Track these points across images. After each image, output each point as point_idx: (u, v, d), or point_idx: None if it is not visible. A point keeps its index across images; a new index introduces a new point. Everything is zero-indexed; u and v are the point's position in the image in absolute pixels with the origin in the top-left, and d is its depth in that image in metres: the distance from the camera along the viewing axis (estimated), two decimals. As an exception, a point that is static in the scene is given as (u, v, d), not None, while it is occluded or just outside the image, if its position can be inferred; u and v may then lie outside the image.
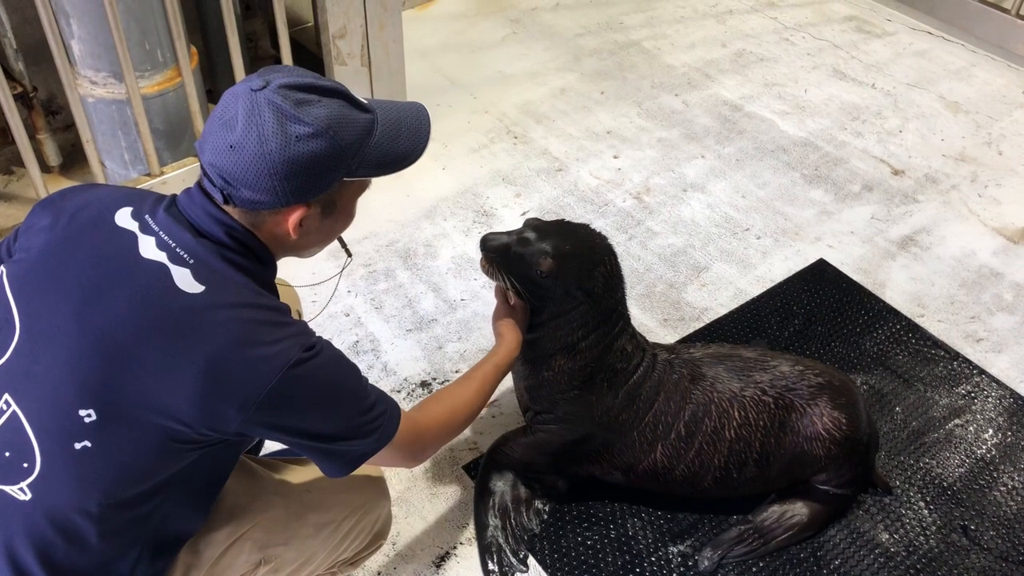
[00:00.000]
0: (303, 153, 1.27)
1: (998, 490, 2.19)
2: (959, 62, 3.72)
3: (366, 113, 1.36)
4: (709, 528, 2.09)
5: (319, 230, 1.41)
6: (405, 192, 3.05)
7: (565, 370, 1.91)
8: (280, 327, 1.31)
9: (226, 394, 1.26)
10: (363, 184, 1.43)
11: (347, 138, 1.31)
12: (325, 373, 1.34)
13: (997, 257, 2.84)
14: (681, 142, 3.30)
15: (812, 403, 1.96)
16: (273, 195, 1.29)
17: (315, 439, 1.36)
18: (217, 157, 1.28)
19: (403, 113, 1.44)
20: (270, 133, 1.26)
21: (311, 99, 1.29)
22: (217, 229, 1.33)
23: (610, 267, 1.88)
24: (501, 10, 4.05)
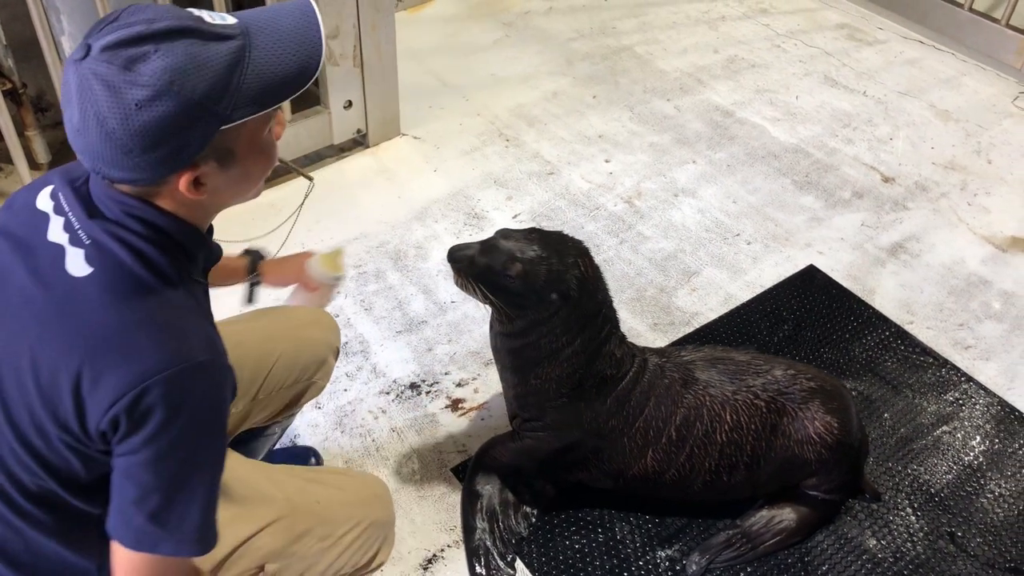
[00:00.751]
0: (150, 120, 1.09)
1: (985, 497, 2.19)
2: (949, 71, 3.74)
3: (227, 41, 1.13)
4: (697, 533, 2.09)
5: (231, 181, 1.23)
6: (396, 194, 3.04)
7: (553, 377, 1.89)
8: (165, 330, 1.18)
9: (94, 389, 1.16)
10: (263, 117, 1.20)
11: (202, 84, 1.10)
12: (196, 402, 1.18)
13: (986, 265, 2.85)
14: (673, 147, 3.30)
15: (804, 407, 1.96)
16: (141, 171, 1.14)
17: (153, 475, 1.19)
18: (73, 140, 1.15)
19: (283, 22, 1.19)
20: (106, 110, 1.09)
21: (144, 52, 1.08)
22: (115, 208, 1.20)
23: (584, 268, 1.84)
24: (494, 13, 4.05)
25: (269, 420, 1.89)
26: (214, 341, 1.25)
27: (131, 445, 1.18)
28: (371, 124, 3.18)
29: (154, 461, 1.18)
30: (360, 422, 2.32)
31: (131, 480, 1.20)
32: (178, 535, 1.22)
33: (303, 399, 1.91)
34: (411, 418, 2.33)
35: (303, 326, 1.86)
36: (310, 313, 1.91)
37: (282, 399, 1.85)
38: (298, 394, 1.88)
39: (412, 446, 2.27)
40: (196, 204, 1.22)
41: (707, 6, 4.15)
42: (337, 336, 1.93)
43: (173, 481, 1.20)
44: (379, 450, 2.26)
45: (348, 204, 2.99)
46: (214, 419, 1.23)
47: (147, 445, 1.17)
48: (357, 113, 3.12)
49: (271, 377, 1.79)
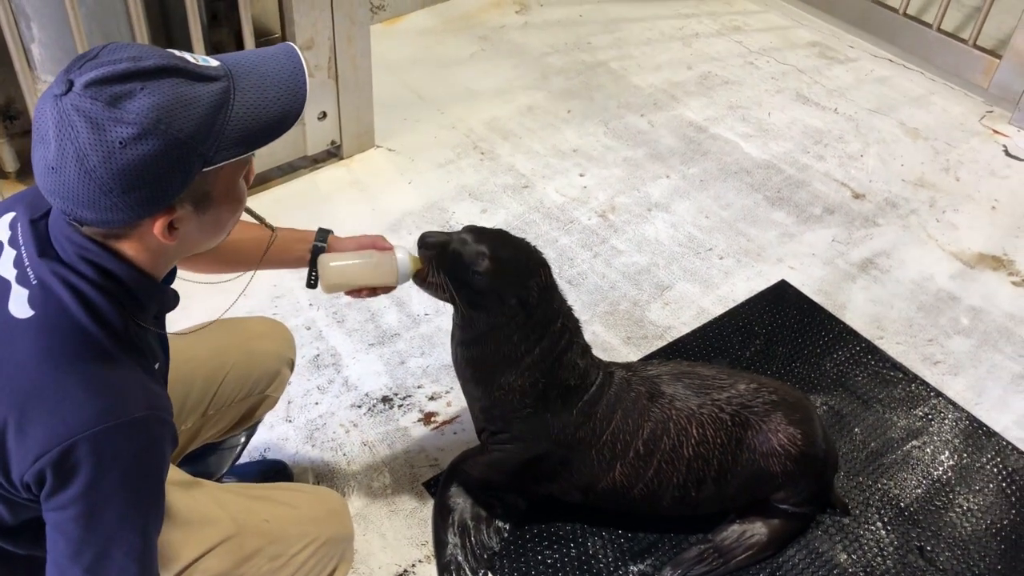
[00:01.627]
0: (134, 160, 1.05)
1: (953, 511, 2.21)
2: (919, 90, 3.80)
3: (213, 83, 1.11)
4: (669, 547, 2.09)
5: (201, 227, 1.20)
6: (370, 206, 3.03)
7: (516, 388, 1.89)
8: (98, 384, 1.14)
9: (20, 440, 1.13)
10: (240, 162, 1.19)
11: (188, 125, 1.08)
12: (127, 460, 1.15)
13: (954, 281, 2.89)
14: (646, 162, 3.32)
15: (767, 420, 1.97)
16: (117, 212, 1.09)
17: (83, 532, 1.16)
18: (43, 180, 1.10)
19: (267, 66, 1.18)
20: (87, 146, 1.05)
21: (130, 90, 1.06)
22: (70, 250, 1.15)
23: (544, 279, 1.85)
24: (469, 27, 4.06)
25: (223, 435, 1.86)
26: (154, 395, 1.21)
27: (60, 501, 1.15)
28: (345, 136, 3.17)
29: (85, 517, 1.16)
30: (331, 436, 2.30)
31: (63, 535, 1.17)
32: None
33: (257, 413, 1.88)
34: (383, 432, 2.32)
35: (254, 338, 1.83)
36: (262, 325, 1.88)
37: (234, 413, 1.82)
38: (251, 408, 1.85)
39: (384, 460, 2.25)
40: (162, 250, 1.20)
41: (681, 23, 4.19)
42: (291, 348, 1.89)
43: (107, 536, 1.17)
44: (350, 464, 2.24)
45: (321, 216, 2.97)
46: (148, 474, 1.20)
47: (76, 502, 1.15)
48: (331, 124, 3.11)
49: (221, 391, 1.76)
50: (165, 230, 1.15)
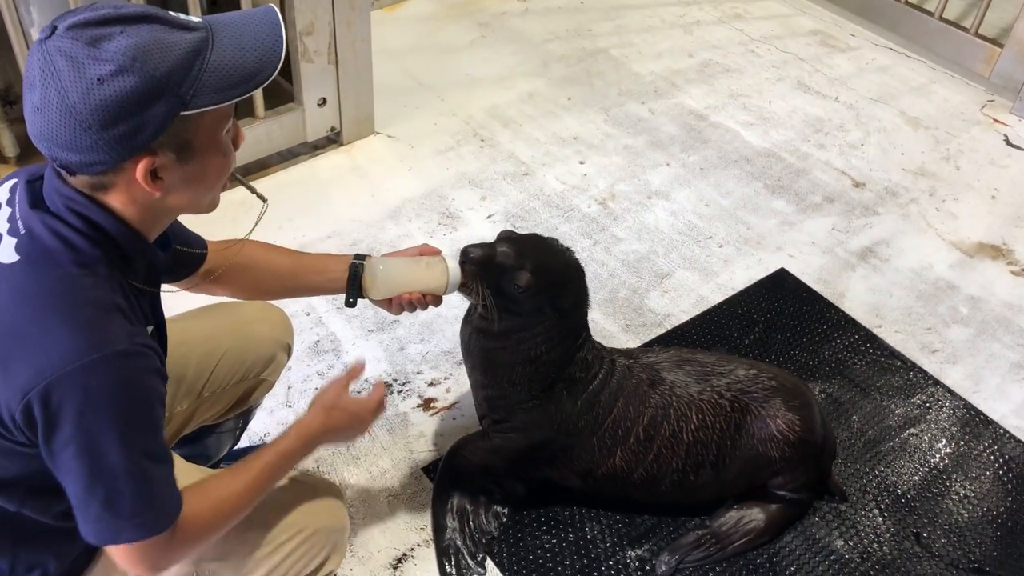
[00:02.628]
0: (111, 95, 1.11)
1: (950, 498, 2.22)
2: (920, 78, 3.79)
3: (191, 32, 1.17)
4: (667, 532, 2.10)
5: (186, 178, 1.23)
6: (370, 192, 3.03)
7: (524, 382, 1.90)
8: (79, 321, 1.16)
9: (5, 378, 1.16)
10: (221, 113, 1.23)
11: (164, 65, 1.13)
12: (112, 392, 1.17)
13: (953, 270, 2.89)
14: (646, 150, 3.32)
15: (766, 405, 1.98)
16: (99, 151, 1.14)
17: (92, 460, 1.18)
18: (31, 125, 1.16)
19: (246, 23, 1.24)
20: (68, 83, 1.10)
21: (109, 32, 1.12)
22: (58, 202, 1.21)
23: (580, 285, 1.89)
24: (470, 14, 4.05)
25: (220, 417, 1.86)
26: (134, 332, 1.22)
27: (57, 443, 1.17)
28: (345, 122, 3.16)
29: (85, 452, 1.17)
30: (331, 421, 2.30)
31: (72, 476, 1.19)
32: (137, 520, 1.22)
33: (253, 396, 1.88)
34: (382, 417, 2.32)
35: (250, 323, 1.83)
36: (259, 309, 1.88)
37: (230, 396, 1.82)
38: (247, 391, 1.85)
39: (383, 445, 2.26)
40: (149, 204, 1.23)
41: (682, 10, 4.18)
42: (288, 333, 1.90)
43: (112, 467, 1.19)
44: (349, 449, 2.25)
45: (321, 202, 2.97)
46: (138, 402, 1.21)
47: (72, 440, 1.16)
48: (331, 111, 3.10)
49: (216, 374, 1.76)
50: (148, 176, 1.18)
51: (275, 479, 1.48)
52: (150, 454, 1.23)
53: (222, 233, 1.72)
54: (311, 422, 1.53)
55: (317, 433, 1.52)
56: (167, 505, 1.26)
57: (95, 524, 1.22)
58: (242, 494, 1.40)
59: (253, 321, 1.84)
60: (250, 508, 1.42)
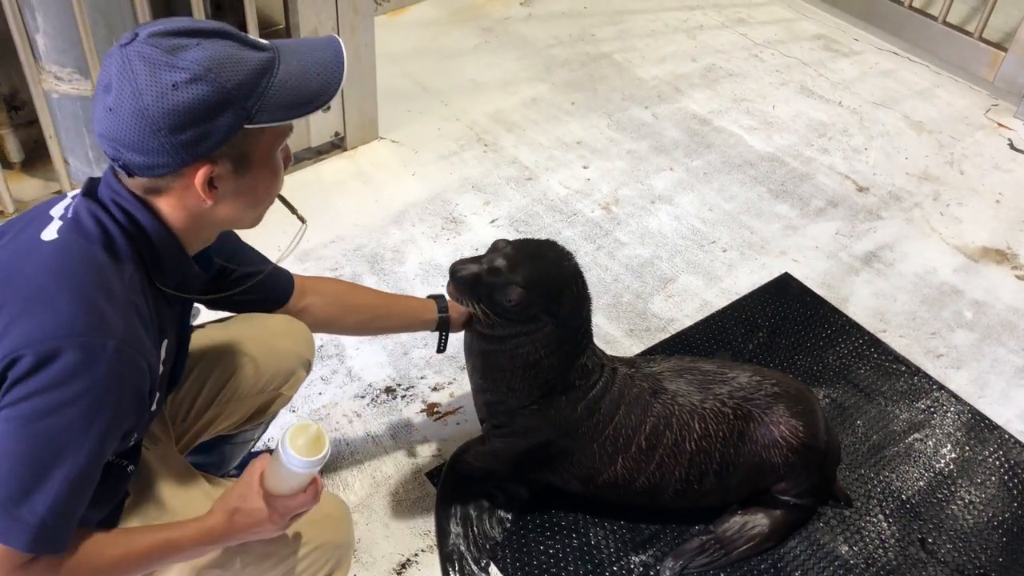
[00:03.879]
0: (184, 101, 1.17)
1: (955, 504, 2.22)
2: (923, 83, 3.79)
3: (261, 52, 1.24)
4: (671, 538, 2.09)
5: (238, 190, 1.29)
6: (374, 197, 3.03)
7: (524, 387, 1.90)
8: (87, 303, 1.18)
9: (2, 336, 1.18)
10: (279, 132, 1.30)
11: (235, 78, 1.19)
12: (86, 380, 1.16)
13: (957, 275, 2.88)
14: (650, 154, 3.32)
15: (769, 411, 1.98)
16: (164, 154, 1.19)
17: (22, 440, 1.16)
18: (100, 124, 1.21)
19: (312, 48, 1.31)
20: (144, 86, 1.16)
21: (187, 43, 1.19)
22: (106, 194, 1.27)
23: (577, 289, 1.86)
24: (473, 19, 4.05)
25: (236, 428, 1.86)
26: (138, 339, 1.22)
27: (15, 395, 1.15)
28: (349, 127, 3.17)
29: (32, 417, 1.15)
30: (335, 426, 2.30)
31: (5, 437, 1.16)
32: (12, 514, 1.16)
33: (270, 409, 1.88)
34: (386, 423, 2.32)
35: (275, 336, 1.83)
36: (283, 323, 1.88)
37: (248, 407, 1.82)
38: (265, 403, 1.84)
39: (387, 451, 2.26)
40: (199, 212, 1.28)
41: (686, 15, 4.18)
42: (310, 349, 1.89)
43: (50, 447, 1.16)
44: (353, 455, 2.25)
45: (325, 207, 2.98)
46: (103, 406, 1.18)
47: (29, 399, 1.14)
48: (335, 116, 3.11)
49: (237, 382, 1.76)
50: (205, 184, 1.24)
51: (157, 565, 1.39)
52: (92, 460, 1.20)
53: None
54: (213, 524, 1.40)
55: (219, 535, 1.41)
56: (61, 534, 1.20)
57: None
58: (117, 562, 1.31)
59: (278, 335, 1.84)
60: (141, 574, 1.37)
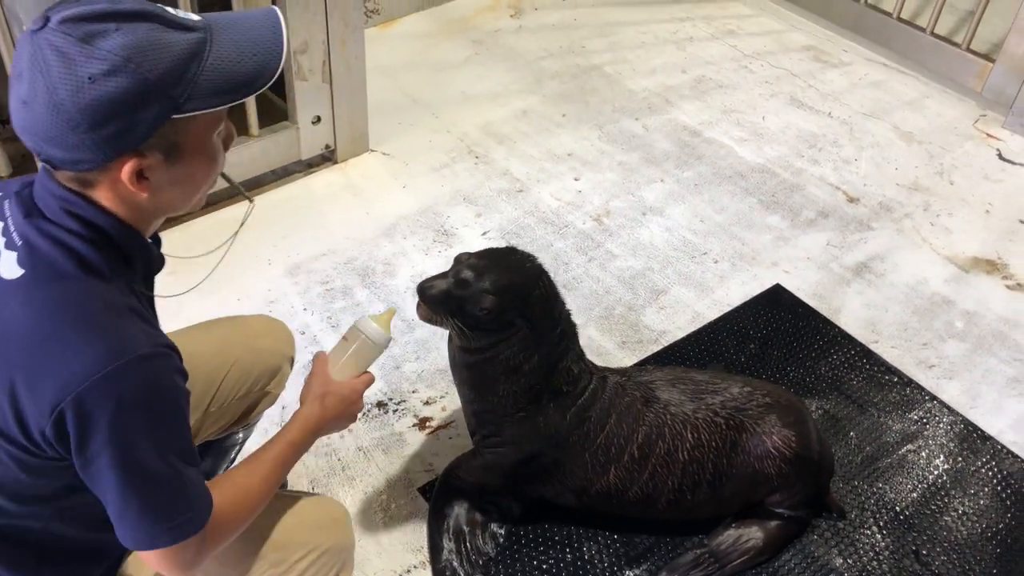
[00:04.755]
0: (102, 96, 1.07)
1: (949, 515, 2.21)
2: (912, 93, 3.80)
3: (189, 32, 1.14)
4: (665, 552, 2.08)
5: (173, 180, 1.20)
6: (364, 210, 3.02)
7: (510, 393, 1.89)
8: (98, 329, 1.14)
9: (32, 396, 1.14)
10: (214, 117, 1.20)
11: (159, 66, 1.09)
12: (141, 396, 1.16)
13: (948, 285, 2.89)
14: (641, 166, 3.32)
15: (761, 422, 1.98)
16: (85, 151, 1.11)
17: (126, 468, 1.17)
18: (16, 117, 1.12)
19: (247, 25, 1.20)
20: (57, 80, 1.07)
21: (103, 29, 1.08)
22: (54, 205, 1.17)
23: (545, 289, 1.87)
24: (464, 31, 4.06)
25: (224, 431, 1.87)
26: (155, 335, 1.22)
27: (90, 453, 1.16)
28: (340, 140, 3.16)
29: (119, 460, 1.16)
30: (326, 441, 2.29)
31: (106, 484, 1.19)
32: (174, 524, 1.22)
33: (256, 409, 1.89)
34: (378, 437, 2.31)
35: (256, 336, 1.84)
36: (263, 323, 1.89)
37: (235, 410, 1.83)
38: (252, 404, 1.86)
39: (378, 465, 2.24)
40: (136, 203, 1.20)
41: (675, 27, 4.19)
42: (291, 345, 1.91)
43: (148, 474, 1.19)
44: (345, 470, 2.23)
45: (315, 220, 2.97)
46: (167, 404, 1.20)
47: (105, 448, 1.15)
48: (326, 128, 3.10)
49: (224, 387, 1.76)
50: (133, 177, 1.15)
51: (287, 470, 1.50)
52: (182, 456, 1.23)
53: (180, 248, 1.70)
54: (310, 414, 1.54)
55: (317, 422, 1.54)
56: (200, 507, 1.26)
57: (132, 531, 1.22)
58: (261, 488, 1.42)
59: (259, 335, 1.85)
60: (267, 501, 1.44)
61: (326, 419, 1.56)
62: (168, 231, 2.56)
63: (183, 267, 1.55)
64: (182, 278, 1.55)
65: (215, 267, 1.58)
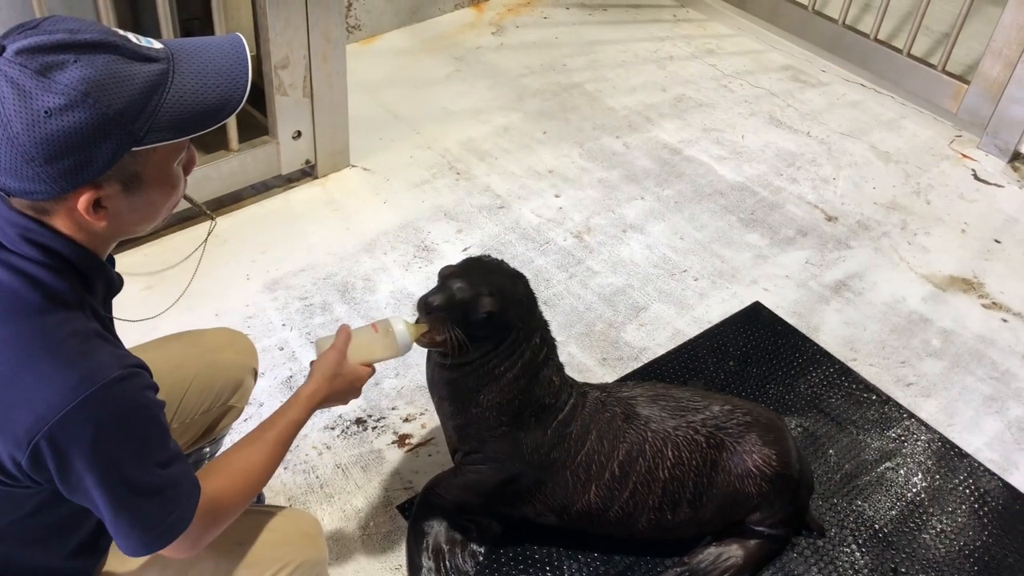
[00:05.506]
0: (58, 130, 1.05)
1: (927, 532, 2.22)
2: (889, 113, 3.85)
3: (151, 64, 1.11)
4: (645, 571, 2.07)
5: (132, 208, 1.18)
6: (345, 225, 3.01)
7: (493, 405, 1.88)
8: (68, 357, 1.13)
9: (6, 427, 1.12)
10: (174, 147, 1.17)
11: (118, 101, 1.07)
12: (117, 419, 1.16)
13: (926, 303, 2.91)
14: (621, 183, 3.33)
15: (741, 441, 1.97)
16: (40, 182, 1.08)
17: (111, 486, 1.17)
18: None
19: (211, 54, 1.18)
20: (12, 113, 1.04)
21: (61, 60, 1.05)
22: (11, 232, 1.15)
23: (525, 288, 1.90)
24: (445, 48, 4.06)
25: (188, 448, 1.84)
26: (124, 356, 1.21)
27: (74, 478, 1.16)
28: (320, 155, 3.15)
29: (105, 480, 1.16)
30: (304, 458, 2.27)
31: (94, 504, 1.19)
32: (165, 526, 1.24)
33: (221, 424, 1.88)
34: (356, 454, 2.29)
35: (215, 350, 1.82)
36: (222, 336, 1.87)
37: (198, 426, 1.81)
38: (215, 420, 1.85)
39: (357, 483, 2.22)
40: (94, 231, 1.18)
41: (655, 46, 4.22)
42: (253, 357, 1.89)
43: (132, 488, 1.19)
44: (323, 487, 2.21)
45: (295, 235, 2.95)
46: (144, 423, 1.21)
47: (88, 472, 1.15)
48: (306, 144, 3.09)
49: (184, 404, 1.74)
50: (90, 207, 1.13)
51: (288, 447, 1.51)
52: (164, 463, 1.23)
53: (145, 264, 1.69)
54: (316, 390, 1.56)
55: (320, 400, 1.57)
56: (189, 503, 1.27)
57: (127, 540, 1.23)
58: (264, 464, 1.44)
59: (218, 348, 1.83)
60: (269, 479, 1.46)
61: (329, 399, 1.59)
62: (146, 245, 2.54)
63: (159, 283, 1.53)
64: (158, 293, 1.53)
65: (189, 283, 1.57)
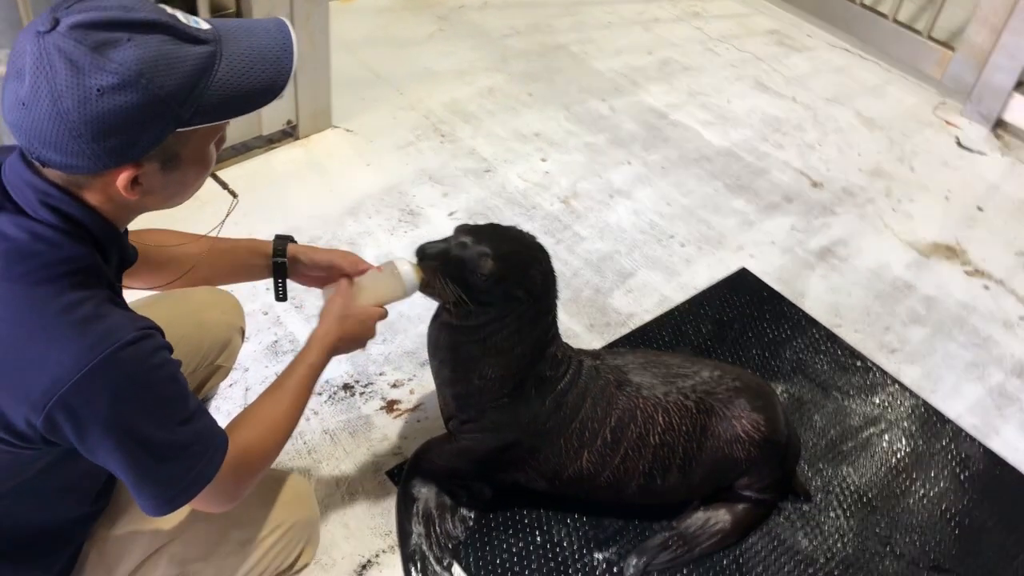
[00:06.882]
0: (109, 110, 1.05)
1: (910, 497, 2.25)
2: (874, 79, 3.84)
3: (200, 45, 1.12)
4: (634, 535, 2.09)
5: (166, 186, 1.20)
6: (328, 188, 2.96)
7: (496, 377, 1.87)
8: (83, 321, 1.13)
9: (21, 392, 1.12)
10: (215, 127, 1.20)
11: (170, 83, 1.08)
12: (134, 380, 1.16)
13: (910, 270, 2.93)
14: (608, 148, 3.30)
15: (730, 406, 1.98)
16: (84, 158, 1.09)
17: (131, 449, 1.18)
18: (11, 114, 1.09)
19: (257, 37, 1.19)
20: (63, 88, 1.04)
21: (116, 39, 1.05)
22: (32, 197, 1.14)
23: (546, 266, 1.86)
24: (428, 6, 3.99)
25: None
26: (138, 318, 1.22)
27: (92, 440, 1.15)
28: (302, 115, 3.09)
29: (123, 443, 1.16)
30: (291, 423, 2.25)
31: (114, 465, 1.19)
32: (188, 482, 1.24)
33: (208, 384, 1.88)
34: (344, 420, 2.27)
35: (202, 309, 1.82)
36: (209, 295, 1.86)
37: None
38: (203, 380, 1.84)
39: (345, 449, 2.21)
40: (123, 204, 1.19)
41: (641, 7, 4.18)
42: (240, 316, 1.89)
43: (153, 449, 1.19)
44: (311, 453, 2.19)
45: (277, 197, 2.90)
46: (161, 383, 1.20)
47: (108, 434, 1.15)
48: (287, 103, 3.03)
49: None
50: (128, 185, 1.14)
51: (310, 392, 1.51)
52: (185, 419, 1.23)
53: (182, 226, 1.67)
54: (327, 333, 1.56)
55: (334, 341, 1.56)
56: (215, 453, 1.27)
57: (151, 501, 1.23)
58: (288, 411, 1.45)
59: (205, 307, 1.83)
60: (297, 424, 1.48)
61: (343, 339, 1.57)
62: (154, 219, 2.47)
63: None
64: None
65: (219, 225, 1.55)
